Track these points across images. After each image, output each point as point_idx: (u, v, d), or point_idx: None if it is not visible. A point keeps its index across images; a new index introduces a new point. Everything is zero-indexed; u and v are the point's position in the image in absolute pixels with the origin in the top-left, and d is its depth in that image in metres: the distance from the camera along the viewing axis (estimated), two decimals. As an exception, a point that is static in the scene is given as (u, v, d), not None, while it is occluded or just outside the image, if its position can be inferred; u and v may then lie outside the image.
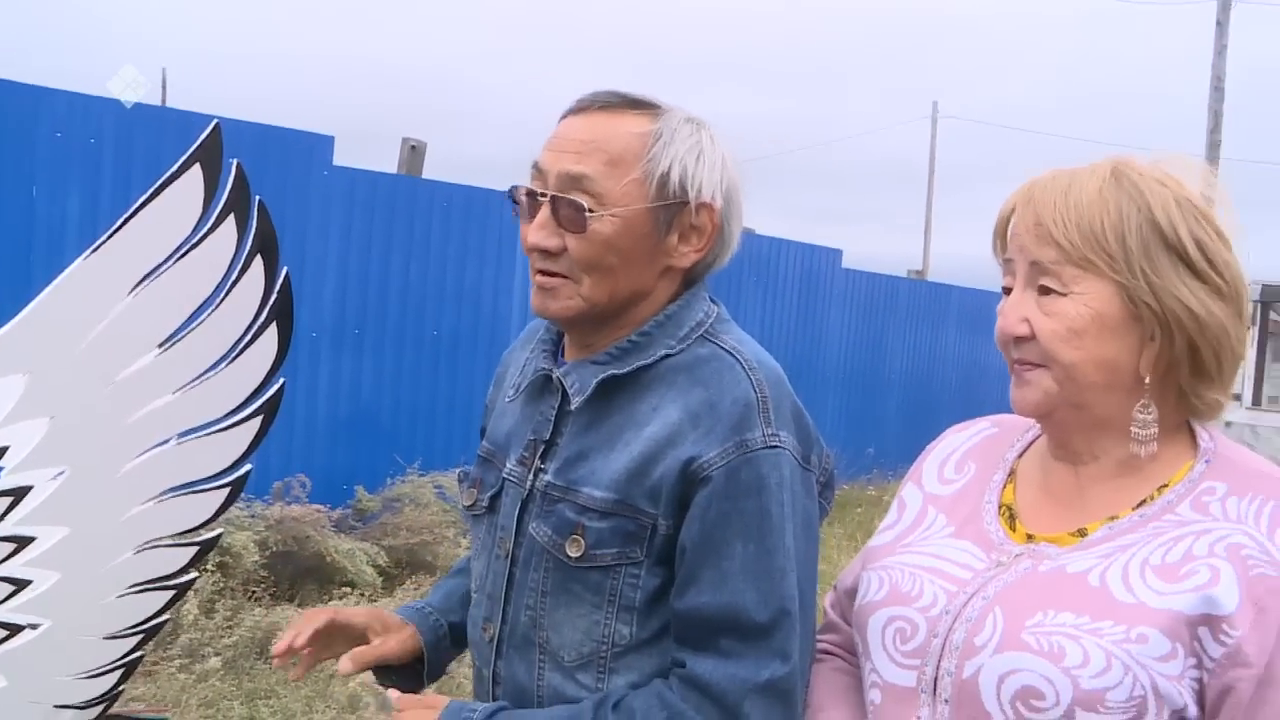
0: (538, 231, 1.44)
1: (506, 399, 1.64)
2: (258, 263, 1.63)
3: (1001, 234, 1.34)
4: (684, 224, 1.46)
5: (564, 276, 1.44)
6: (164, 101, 9.22)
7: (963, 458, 1.48)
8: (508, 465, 1.56)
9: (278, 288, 1.67)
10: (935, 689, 1.25)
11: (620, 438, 1.43)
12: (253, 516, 5.77)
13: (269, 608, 5.29)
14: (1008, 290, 1.32)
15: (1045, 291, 1.26)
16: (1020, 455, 1.44)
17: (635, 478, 1.40)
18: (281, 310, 1.68)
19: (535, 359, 1.59)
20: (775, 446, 1.39)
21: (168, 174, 1.52)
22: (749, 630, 1.35)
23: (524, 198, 1.47)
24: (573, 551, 1.42)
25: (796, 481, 1.41)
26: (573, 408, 1.48)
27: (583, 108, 1.47)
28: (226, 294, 1.61)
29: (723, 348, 1.46)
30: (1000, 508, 1.38)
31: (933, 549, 1.37)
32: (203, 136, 1.54)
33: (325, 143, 6.56)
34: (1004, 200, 1.35)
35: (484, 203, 7.57)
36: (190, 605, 4.97)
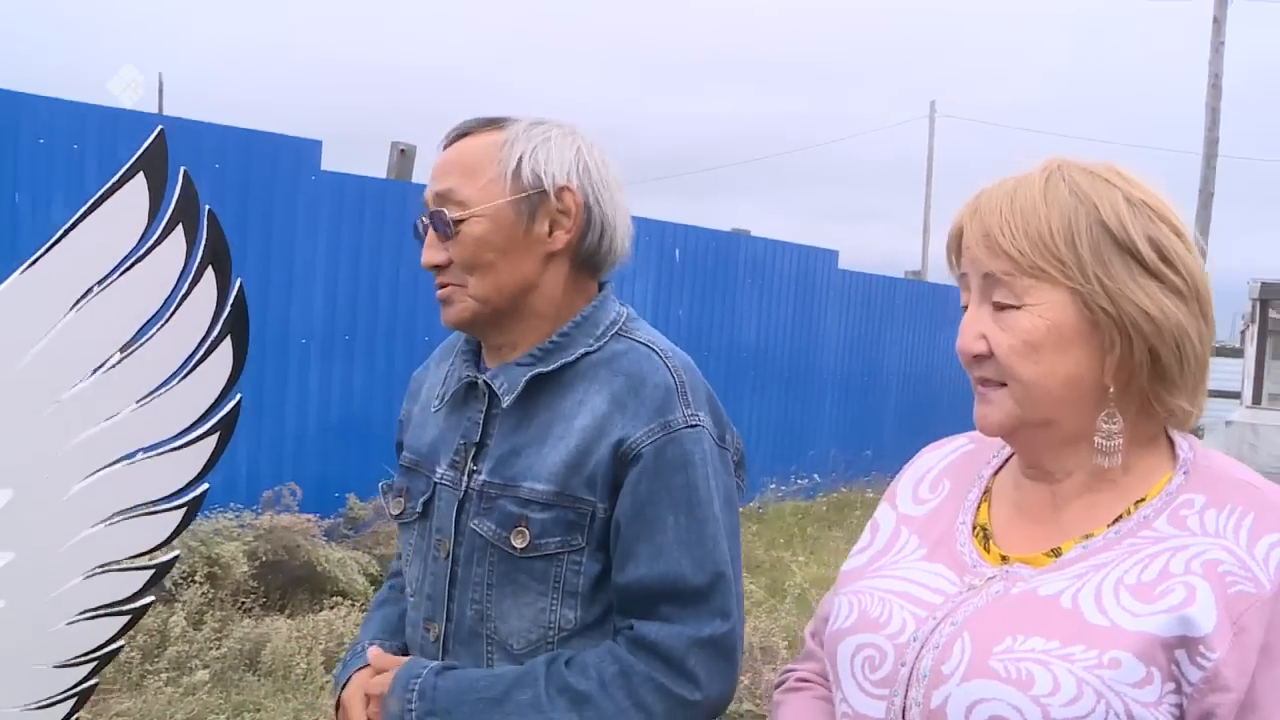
0: (427, 251, 1.58)
1: (432, 409, 1.71)
2: (209, 275, 1.57)
3: (955, 249, 1.29)
4: (549, 210, 1.56)
5: (455, 285, 1.57)
6: (160, 107, 9.17)
7: (938, 476, 1.43)
8: (439, 470, 1.63)
9: (231, 300, 1.60)
10: (904, 718, 1.19)
11: (551, 432, 1.53)
12: (242, 526, 5.71)
13: (259, 619, 5.22)
14: (967, 307, 1.26)
15: (1000, 307, 1.21)
16: (996, 472, 1.38)
17: (573, 468, 1.50)
18: (236, 323, 1.61)
19: (457, 369, 1.67)
20: (696, 425, 1.51)
21: (109, 183, 1.45)
22: (688, 594, 1.47)
23: (420, 230, 1.61)
24: (518, 543, 1.51)
25: (716, 459, 1.53)
26: (504, 406, 1.57)
27: (447, 142, 1.61)
28: (176, 308, 1.55)
29: (638, 341, 1.58)
30: (974, 528, 1.32)
31: (903, 573, 1.31)
32: (147, 143, 1.47)
33: (313, 147, 6.50)
34: (954, 214, 1.29)
35: (475, 206, 7.51)
36: (178, 617, 4.91)
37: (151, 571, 1.67)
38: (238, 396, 1.66)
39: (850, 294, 11.94)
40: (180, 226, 1.51)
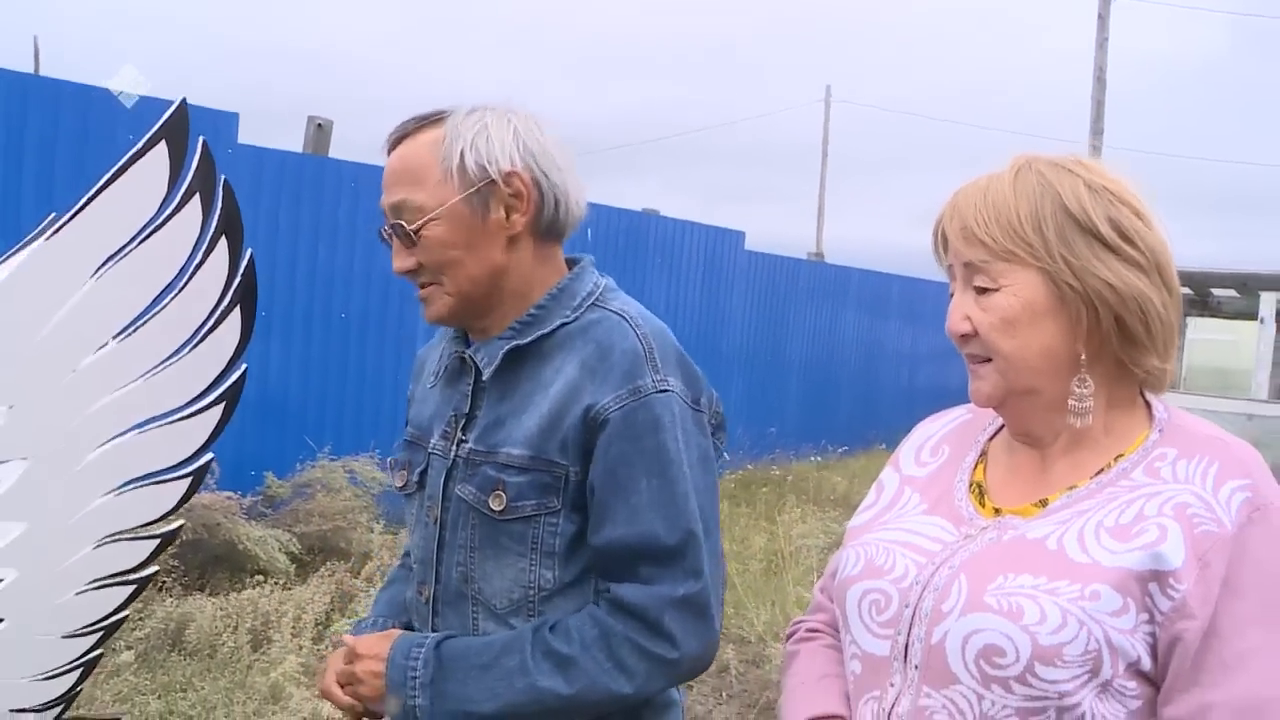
0: (396, 259, 1.64)
1: (428, 386, 1.77)
2: (222, 245, 1.58)
3: (940, 243, 1.42)
4: (501, 197, 1.58)
5: (433, 284, 1.62)
6: (36, 71, 8.68)
7: (939, 442, 1.55)
8: (432, 442, 1.69)
9: (242, 270, 1.61)
10: (906, 655, 1.31)
11: (530, 400, 1.58)
12: (159, 505, 5.59)
13: (180, 598, 5.14)
14: (953, 295, 1.39)
15: (981, 290, 1.34)
16: (991, 438, 1.50)
17: (546, 433, 1.55)
18: (246, 294, 1.63)
19: (449, 347, 1.73)
20: (665, 390, 1.56)
21: (131, 152, 1.45)
22: (662, 555, 1.52)
23: (384, 238, 1.65)
24: (495, 506, 1.56)
25: (688, 420, 1.58)
26: (485, 379, 1.63)
27: (390, 146, 1.63)
28: (191, 277, 1.55)
29: (610, 310, 1.63)
30: (971, 485, 1.45)
31: (906, 525, 1.43)
32: (169, 113, 1.47)
33: (229, 120, 6.37)
34: (936, 213, 1.42)
35: (392, 183, 7.43)
36: (97, 598, 4.80)
37: (157, 541, 1.68)
38: (243, 367, 1.68)
39: (756, 275, 12.09)
40: (198, 196, 1.52)
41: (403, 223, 1.59)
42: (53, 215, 1.55)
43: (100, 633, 1.65)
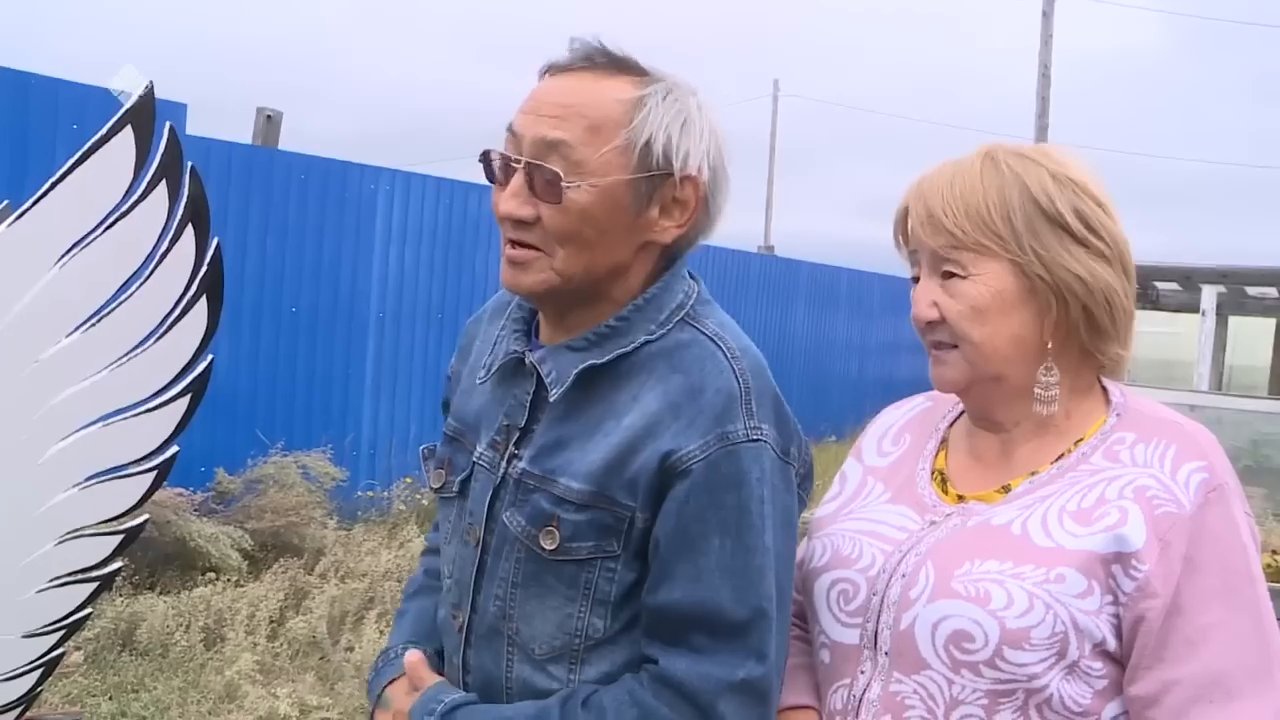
0: (510, 200, 1.35)
1: (477, 379, 1.53)
2: (189, 232, 1.54)
3: (901, 229, 1.42)
4: (666, 197, 1.38)
5: (537, 249, 1.36)
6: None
7: (899, 431, 1.56)
8: (478, 449, 1.47)
9: (208, 259, 1.58)
10: (876, 643, 1.33)
11: (600, 428, 1.36)
12: (107, 502, 5.49)
13: (130, 597, 5.05)
14: (915, 279, 1.40)
15: (948, 276, 1.34)
16: (951, 425, 1.52)
17: (613, 469, 1.33)
18: (213, 282, 1.59)
19: (506, 338, 1.49)
20: (757, 440, 1.33)
21: (96, 137, 1.41)
22: (724, 628, 1.30)
23: (497, 163, 1.38)
24: (547, 544, 1.35)
25: (777, 476, 1.35)
26: (550, 399, 1.40)
27: (564, 67, 1.38)
28: (157, 265, 1.51)
29: (704, 333, 1.40)
30: (933, 473, 1.46)
31: (871, 514, 1.45)
32: (134, 97, 1.43)
33: (177, 110, 6.24)
34: (899, 198, 1.42)
35: (342, 175, 7.36)
36: (44, 597, 4.71)
37: (121, 536, 1.63)
38: (210, 357, 1.64)
39: (708, 267, 12.11)
40: (164, 182, 1.48)
41: (555, 169, 1.33)
42: (6, 203, 1.51)
43: (62, 631, 1.61)
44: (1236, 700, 1.21)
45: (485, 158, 1.40)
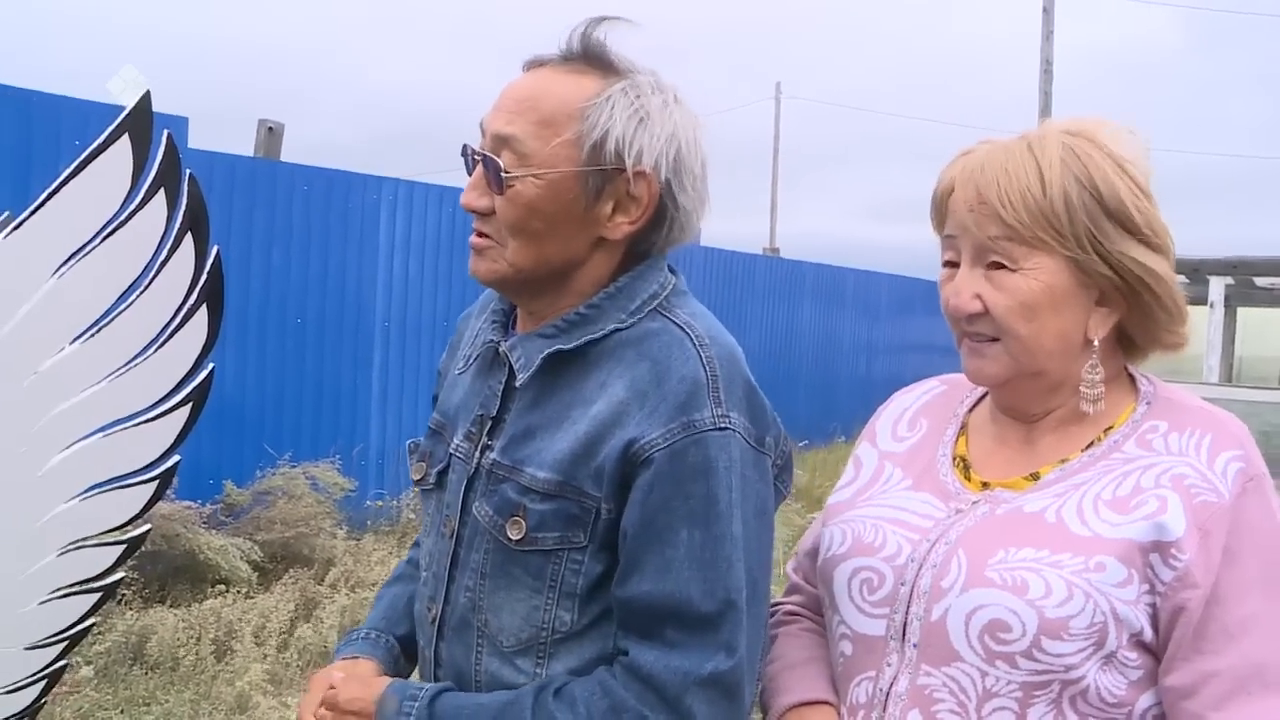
0: (469, 191, 1.41)
1: (457, 370, 1.57)
2: (188, 241, 1.54)
3: (940, 210, 1.36)
4: (618, 192, 1.37)
5: (493, 241, 1.40)
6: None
7: (915, 415, 1.53)
8: (454, 440, 1.49)
9: (208, 267, 1.57)
10: (904, 634, 1.29)
11: (567, 416, 1.37)
12: (116, 516, 5.49)
13: (141, 610, 5.06)
14: (947, 264, 1.34)
15: (995, 266, 1.29)
16: (971, 410, 1.48)
17: (580, 459, 1.33)
18: (212, 291, 1.58)
19: (485, 330, 1.53)
20: (725, 428, 1.32)
21: (93, 146, 1.40)
22: (693, 621, 1.29)
23: (467, 156, 1.43)
24: (513, 534, 1.36)
25: (748, 465, 1.34)
26: (518, 384, 1.41)
27: (539, 63, 1.41)
28: (156, 274, 1.51)
29: (674, 322, 1.39)
30: (954, 459, 1.43)
31: (892, 501, 1.41)
32: (131, 105, 1.43)
33: (179, 124, 6.26)
34: (939, 176, 1.36)
35: (345, 186, 7.36)
36: (55, 612, 4.71)
37: (123, 547, 1.63)
38: (210, 366, 1.63)
39: (713, 270, 12.11)
40: (162, 191, 1.48)
41: (499, 161, 1.35)
42: (7, 213, 1.50)
43: (65, 643, 1.60)
44: (1275, 692, 1.18)
45: (463, 152, 1.45)
